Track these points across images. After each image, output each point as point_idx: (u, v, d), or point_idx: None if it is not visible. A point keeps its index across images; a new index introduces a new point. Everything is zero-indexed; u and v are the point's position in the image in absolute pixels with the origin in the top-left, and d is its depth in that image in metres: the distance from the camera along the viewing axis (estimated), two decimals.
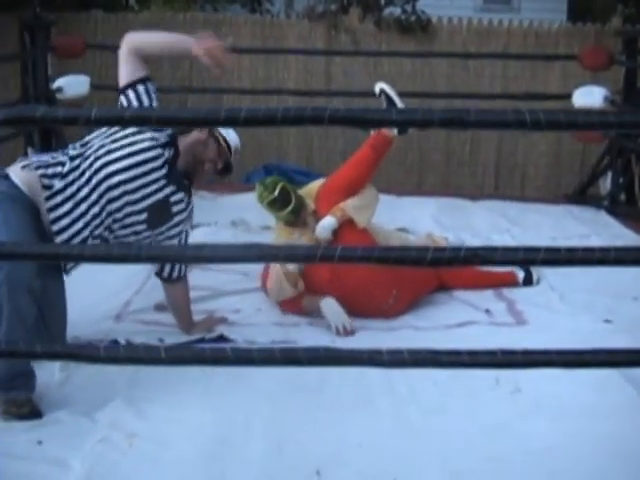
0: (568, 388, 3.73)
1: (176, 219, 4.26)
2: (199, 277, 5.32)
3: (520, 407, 3.74)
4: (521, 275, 5.42)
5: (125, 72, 4.26)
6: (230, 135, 4.43)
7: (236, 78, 9.88)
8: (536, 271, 5.45)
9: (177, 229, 4.30)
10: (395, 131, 5.24)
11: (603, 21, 10.44)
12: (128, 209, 4.03)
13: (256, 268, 5.24)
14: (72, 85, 7.96)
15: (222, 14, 10.88)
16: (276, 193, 5.01)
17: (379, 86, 5.41)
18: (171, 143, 4.17)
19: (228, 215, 6.88)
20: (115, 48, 9.53)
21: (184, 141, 4.26)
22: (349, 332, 4.64)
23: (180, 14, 10.77)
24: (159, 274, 4.48)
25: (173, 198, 4.21)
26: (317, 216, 5.06)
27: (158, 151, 4.10)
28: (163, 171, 4.11)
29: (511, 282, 5.40)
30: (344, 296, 4.85)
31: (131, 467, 3.29)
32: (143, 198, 4.06)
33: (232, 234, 6.41)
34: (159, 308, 4.93)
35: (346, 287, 4.85)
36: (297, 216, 5.07)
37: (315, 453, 3.39)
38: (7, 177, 3.87)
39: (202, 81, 9.87)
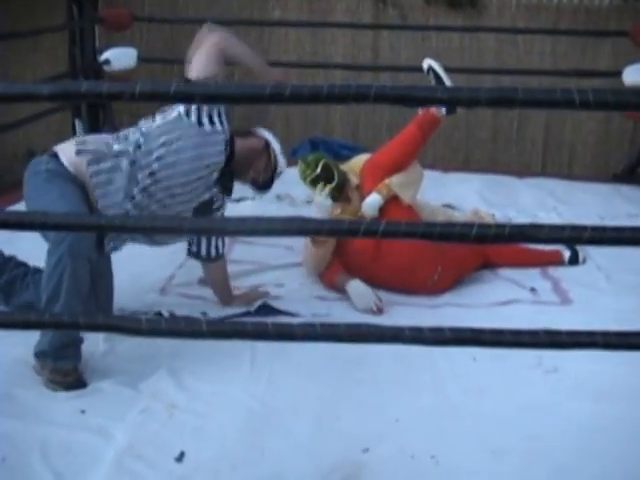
0: (612, 369, 3.70)
1: (214, 212, 4.27)
2: (243, 251, 5.35)
3: (562, 387, 3.72)
4: (567, 254, 5.36)
5: (202, 66, 4.20)
6: (280, 158, 4.42)
7: (283, 51, 9.86)
8: (582, 250, 5.39)
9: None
10: (443, 111, 5.19)
11: None
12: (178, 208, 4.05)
13: (301, 242, 5.23)
14: (119, 58, 7.99)
15: None
16: (318, 170, 5.00)
17: (427, 62, 5.36)
18: (228, 145, 4.14)
19: (273, 189, 6.85)
20: (162, 20, 9.60)
21: (241, 145, 4.24)
22: (377, 311, 4.61)
23: None
24: (196, 254, 4.47)
25: (217, 198, 4.22)
26: (361, 191, 5.05)
27: (220, 158, 4.08)
28: (216, 174, 4.11)
29: (557, 261, 5.35)
30: (387, 273, 4.85)
31: (171, 438, 3.32)
32: (191, 200, 4.07)
33: (277, 208, 6.41)
34: (203, 282, 4.95)
35: (389, 264, 4.85)
36: (340, 192, 5.05)
37: (355, 430, 3.40)
38: (56, 156, 3.88)
39: None
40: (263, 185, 4.50)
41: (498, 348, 2.54)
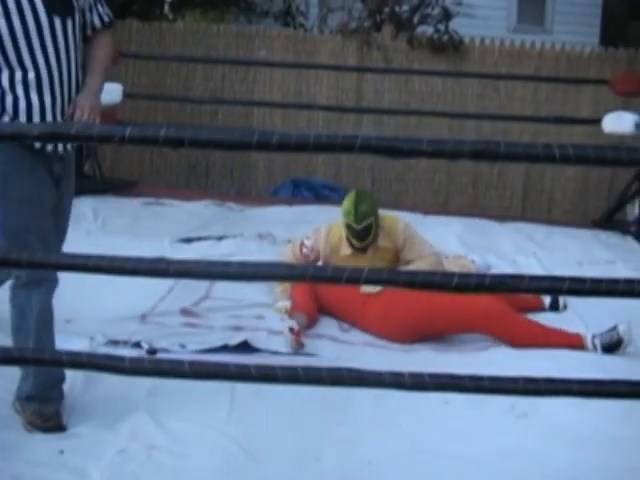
0: (590, 416, 3.72)
1: None
2: (224, 288, 5.35)
3: (537, 433, 3.73)
4: (548, 300, 5.38)
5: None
6: None
7: (267, 91, 9.94)
8: (563, 297, 5.41)
9: None
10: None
11: (636, 46, 10.43)
12: None
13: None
14: (105, 93, 7.96)
15: (255, 27, 10.95)
16: (359, 227, 5.11)
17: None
18: None
19: (255, 227, 6.92)
20: (148, 57, 9.67)
21: None
22: (297, 346, 4.59)
23: (214, 26, 10.85)
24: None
25: None
26: (379, 253, 5.18)
27: None
28: None
29: (538, 307, 5.36)
30: (366, 322, 4.95)
31: (149, 478, 3.31)
32: None
33: (258, 247, 6.44)
34: (184, 312, 5.03)
35: (369, 316, 4.92)
36: (363, 251, 5.20)
37: (334, 472, 3.41)
38: None
39: (234, 93, 9.96)
40: None
41: (477, 394, 2.58)
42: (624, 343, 4.61)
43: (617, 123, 7.62)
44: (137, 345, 4.42)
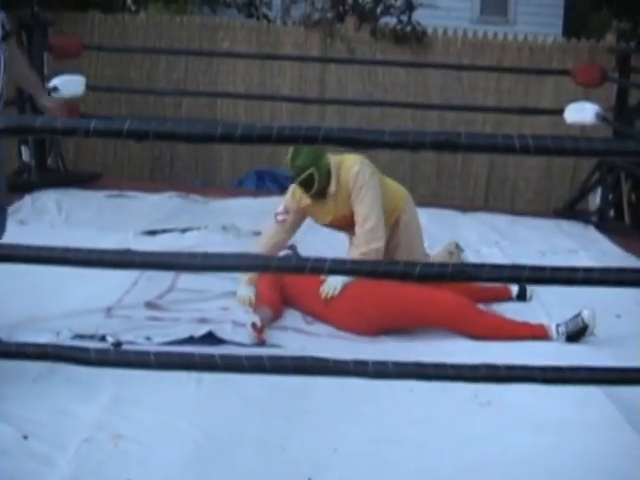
0: (549, 402, 3.77)
1: None
2: (188, 280, 5.36)
3: (500, 419, 3.78)
4: (515, 290, 5.43)
5: None
6: None
7: (231, 82, 9.94)
8: (530, 287, 5.45)
9: None
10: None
11: (598, 37, 10.53)
12: None
13: None
14: (68, 85, 7.97)
15: (219, 18, 10.93)
16: (299, 180, 5.09)
17: None
18: None
19: (219, 220, 6.93)
20: (111, 49, 9.65)
21: None
22: (258, 340, 4.60)
23: (177, 17, 10.82)
24: None
25: None
26: (339, 198, 5.13)
27: None
28: None
29: (505, 296, 5.41)
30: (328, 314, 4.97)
31: (116, 468, 3.33)
32: None
33: (223, 239, 6.45)
34: (149, 306, 5.04)
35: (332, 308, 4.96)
36: (315, 199, 5.17)
37: (300, 460, 3.44)
38: None
39: (197, 85, 9.95)
40: None
41: (440, 382, 2.61)
42: (589, 328, 4.67)
43: (578, 113, 7.68)
44: (103, 339, 4.43)
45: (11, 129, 2.19)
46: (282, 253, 5.32)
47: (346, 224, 5.23)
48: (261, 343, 4.55)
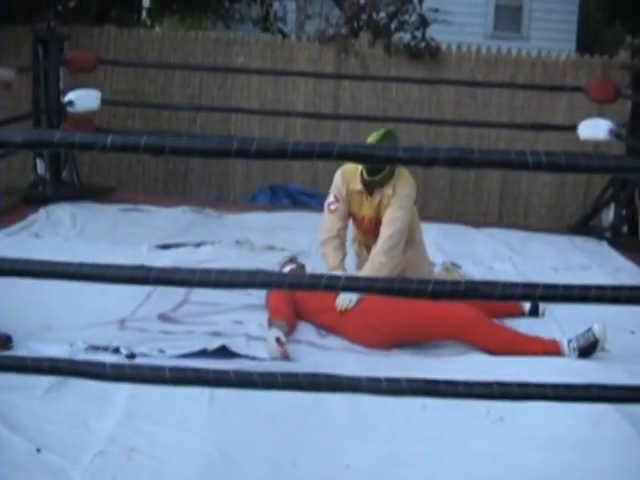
0: (563, 420, 3.77)
1: None
2: (202, 293, 5.37)
3: (512, 437, 3.78)
4: (527, 306, 5.42)
5: None
6: None
7: (245, 98, 9.97)
8: (542, 303, 5.43)
9: None
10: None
11: (611, 53, 10.53)
12: None
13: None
14: (83, 99, 8.04)
15: (233, 33, 10.97)
16: (372, 179, 5.13)
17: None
18: None
19: (233, 234, 6.94)
20: (126, 64, 9.70)
21: None
22: (284, 357, 4.58)
23: (192, 32, 10.87)
24: None
25: None
26: (385, 200, 5.20)
27: None
28: None
29: (517, 312, 5.41)
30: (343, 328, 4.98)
31: None
32: None
33: (236, 253, 6.46)
34: (162, 318, 5.05)
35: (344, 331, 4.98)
36: (370, 191, 5.22)
37: (312, 476, 3.44)
38: None
39: (211, 99, 9.98)
40: None
41: (452, 399, 2.61)
42: (600, 343, 4.67)
43: (592, 130, 7.69)
44: (116, 351, 4.45)
45: (30, 143, 2.22)
46: (287, 268, 5.35)
47: (370, 228, 5.33)
48: (285, 358, 4.55)
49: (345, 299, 4.97)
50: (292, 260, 5.51)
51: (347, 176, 5.28)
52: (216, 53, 10.06)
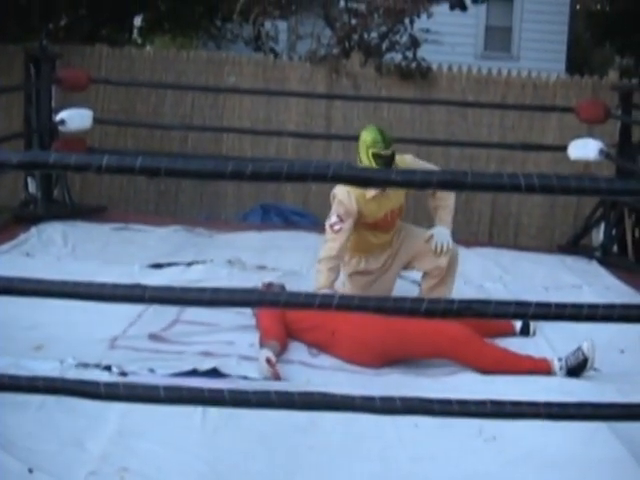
0: (556, 439, 3.78)
1: None
2: (194, 313, 5.38)
3: (505, 456, 3.78)
4: (519, 325, 5.44)
5: None
6: None
7: (237, 118, 10.00)
8: (533, 322, 5.46)
9: None
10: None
11: (601, 73, 10.60)
12: None
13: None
14: (75, 118, 8.05)
15: (225, 53, 11.01)
16: (389, 153, 5.26)
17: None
18: None
19: (224, 253, 6.95)
20: (118, 83, 9.71)
21: None
22: (274, 377, 4.58)
23: (184, 52, 10.91)
24: None
25: None
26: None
27: None
28: None
29: (509, 332, 5.42)
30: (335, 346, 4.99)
31: None
32: None
33: (228, 272, 6.46)
34: (153, 337, 5.05)
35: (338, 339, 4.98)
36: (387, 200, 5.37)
37: None
38: None
39: (203, 119, 10.01)
40: None
41: (446, 417, 2.63)
42: (589, 361, 4.70)
43: (582, 150, 7.73)
44: (107, 369, 4.45)
45: (26, 164, 2.23)
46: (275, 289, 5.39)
47: (393, 221, 5.56)
48: (276, 378, 4.55)
49: (441, 242, 5.42)
50: (270, 285, 5.52)
51: (355, 192, 5.29)
52: (208, 72, 10.09)
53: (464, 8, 12.21)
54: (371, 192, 5.29)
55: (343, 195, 5.33)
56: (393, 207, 5.44)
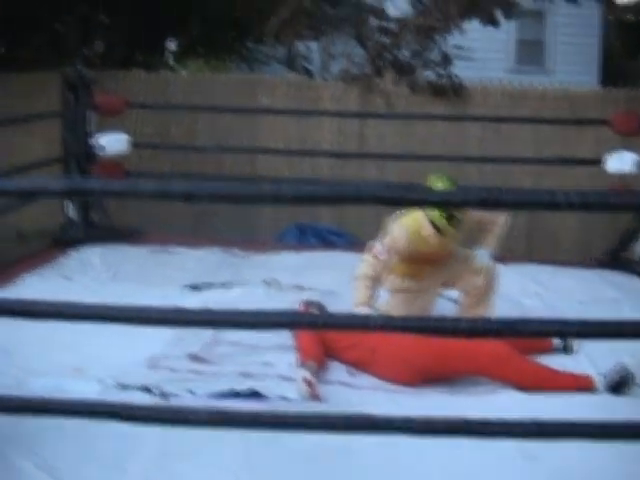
0: (598, 458, 3.73)
1: None
2: (232, 332, 5.39)
3: (547, 475, 3.74)
4: (557, 341, 5.39)
5: None
6: None
7: (271, 138, 10.04)
8: (574, 339, 5.37)
9: None
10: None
11: (635, 84, 10.54)
12: None
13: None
14: (112, 143, 8.14)
15: (258, 75, 11.07)
16: (459, 216, 5.12)
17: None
18: None
19: (261, 274, 6.97)
20: (154, 107, 9.79)
21: None
22: (313, 397, 4.58)
23: (218, 74, 10.98)
24: None
25: None
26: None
27: None
28: None
29: (547, 348, 5.38)
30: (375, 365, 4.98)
31: None
32: None
33: (265, 293, 6.48)
34: (192, 358, 5.08)
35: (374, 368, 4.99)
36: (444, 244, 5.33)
37: None
38: None
39: (238, 141, 10.04)
40: None
41: (487, 438, 2.62)
42: (633, 377, 4.62)
43: (618, 163, 7.69)
44: (147, 390, 4.47)
45: (72, 191, 2.26)
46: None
47: (443, 255, 5.50)
48: (315, 399, 4.54)
49: (482, 261, 5.50)
50: (310, 304, 5.50)
51: (413, 237, 5.29)
52: (241, 95, 10.14)
53: (496, 24, 12.19)
54: (428, 231, 5.25)
55: (399, 235, 5.32)
56: (445, 248, 5.42)
